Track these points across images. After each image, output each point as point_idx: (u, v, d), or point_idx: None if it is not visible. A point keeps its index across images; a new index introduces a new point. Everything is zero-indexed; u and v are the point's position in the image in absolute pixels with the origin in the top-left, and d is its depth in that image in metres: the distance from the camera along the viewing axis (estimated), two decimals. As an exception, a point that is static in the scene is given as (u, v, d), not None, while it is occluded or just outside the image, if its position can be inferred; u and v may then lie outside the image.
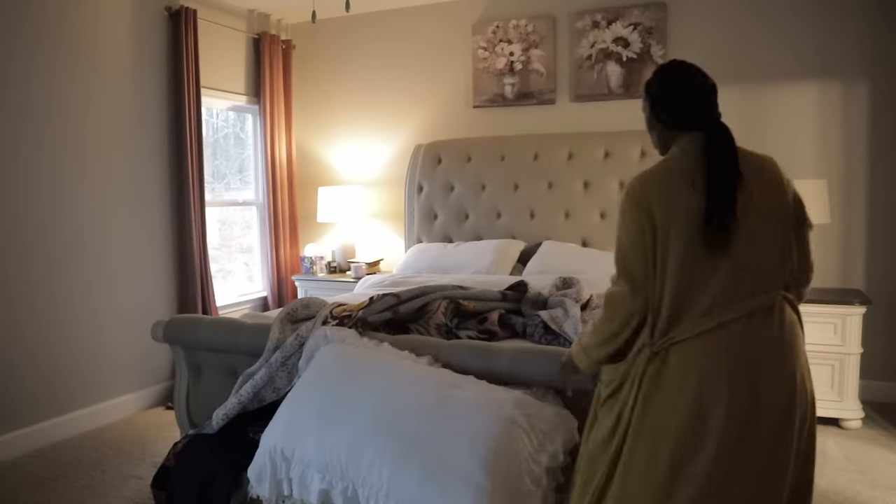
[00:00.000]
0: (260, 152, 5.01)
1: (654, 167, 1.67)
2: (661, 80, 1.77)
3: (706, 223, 1.55)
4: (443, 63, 4.80)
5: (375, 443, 1.93)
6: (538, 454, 1.87)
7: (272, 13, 5.02)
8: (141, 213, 4.06)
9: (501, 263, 4.02)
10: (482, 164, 4.50)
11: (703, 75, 1.77)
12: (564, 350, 2.11)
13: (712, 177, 1.59)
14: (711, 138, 1.66)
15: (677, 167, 1.64)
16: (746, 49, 4.04)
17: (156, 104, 4.15)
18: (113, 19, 3.87)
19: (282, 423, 2.13)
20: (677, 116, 1.72)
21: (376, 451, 1.92)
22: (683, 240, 1.56)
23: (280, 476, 2.07)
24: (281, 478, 2.07)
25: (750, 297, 1.57)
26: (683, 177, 1.61)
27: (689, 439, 1.53)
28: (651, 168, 1.67)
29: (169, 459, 2.41)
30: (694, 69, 1.78)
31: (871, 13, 3.80)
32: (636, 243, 1.61)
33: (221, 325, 2.70)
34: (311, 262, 4.97)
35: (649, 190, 1.62)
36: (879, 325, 3.85)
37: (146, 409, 4.07)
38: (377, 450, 1.92)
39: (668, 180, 1.62)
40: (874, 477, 2.98)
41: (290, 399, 2.19)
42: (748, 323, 1.55)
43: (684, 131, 1.70)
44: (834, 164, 3.94)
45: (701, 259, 1.56)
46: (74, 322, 3.68)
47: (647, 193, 1.61)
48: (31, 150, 3.45)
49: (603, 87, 4.35)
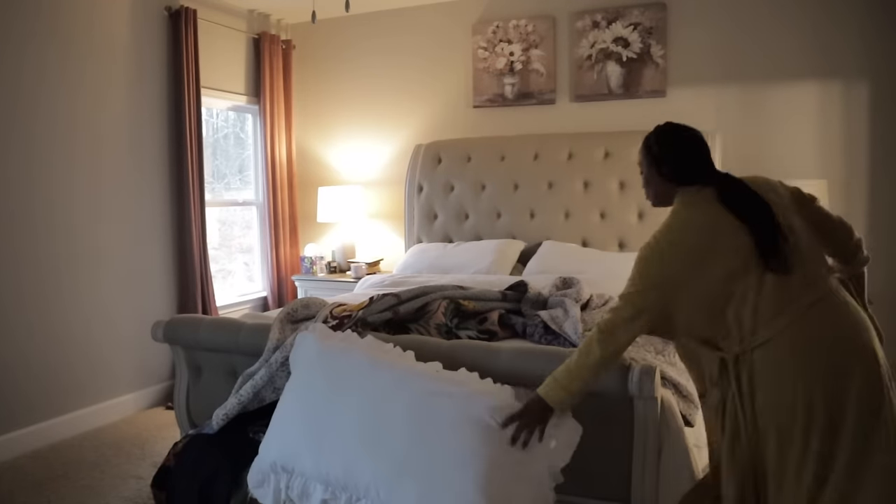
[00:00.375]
0: (260, 152, 5.01)
1: (680, 221, 1.83)
2: (663, 138, 1.92)
3: (765, 256, 1.72)
4: (443, 63, 4.80)
5: (368, 462, 1.89)
6: (536, 456, 1.85)
7: (272, 13, 5.02)
8: (141, 213, 4.06)
9: (501, 263, 4.02)
10: (482, 164, 4.49)
11: (697, 133, 1.92)
12: (565, 350, 2.11)
13: (751, 216, 1.76)
14: (725, 183, 1.83)
15: (707, 216, 1.80)
16: (746, 49, 4.04)
17: (156, 104, 4.15)
18: (113, 19, 3.87)
19: (276, 438, 2.10)
20: (680, 171, 1.87)
21: (370, 471, 1.88)
22: (743, 273, 1.73)
23: (281, 486, 2.06)
24: (281, 487, 2.06)
25: (805, 290, 1.73)
26: (719, 222, 1.77)
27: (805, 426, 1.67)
28: (675, 223, 1.83)
29: (169, 459, 2.41)
30: (688, 128, 1.93)
31: (872, 12, 3.79)
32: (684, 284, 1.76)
33: (221, 325, 2.69)
34: (311, 262, 4.97)
35: (693, 239, 1.79)
36: (879, 325, 3.84)
37: (146, 409, 4.07)
38: (370, 470, 1.88)
39: (711, 226, 1.78)
40: (874, 477, 2.97)
41: (279, 412, 2.16)
42: (810, 313, 1.71)
43: (683, 185, 1.86)
44: (834, 164, 3.93)
45: (764, 282, 1.73)
46: (74, 322, 3.68)
47: (692, 241, 1.78)
48: (31, 150, 3.44)
49: (603, 87, 4.35)
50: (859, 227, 3.91)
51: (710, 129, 4.07)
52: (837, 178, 3.92)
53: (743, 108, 4.08)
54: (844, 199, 3.92)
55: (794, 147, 3.98)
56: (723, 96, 4.12)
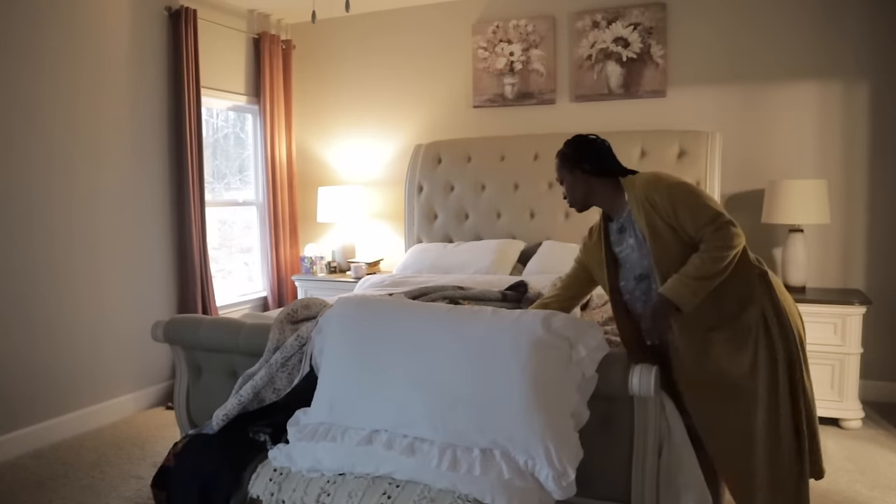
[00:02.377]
0: (260, 152, 5.01)
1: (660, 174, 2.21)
2: (573, 144, 2.30)
3: None
4: (443, 63, 4.80)
5: (420, 399, 2.00)
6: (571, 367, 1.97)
7: (272, 13, 5.02)
8: (141, 212, 4.06)
9: (501, 263, 4.02)
10: (482, 164, 4.49)
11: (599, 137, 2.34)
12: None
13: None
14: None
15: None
16: (746, 49, 4.04)
17: (156, 104, 4.15)
18: (113, 19, 3.87)
19: (324, 399, 2.18)
20: (601, 163, 2.26)
21: (424, 407, 1.99)
22: None
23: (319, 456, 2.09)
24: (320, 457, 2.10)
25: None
26: None
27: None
28: (660, 175, 2.19)
29: (169, 459, 2.41)
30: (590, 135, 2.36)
31: (871, 13, 3.80)
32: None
33: (221, 325, 2.69)
34: (311, 262, 4.97)
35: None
36: (879, 325, 3.85)
37: (146, 409, 4.07)
38: (425, 406, 1.99)
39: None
40: (874, 477, 2.98)
41: (323, 377, 2.22)
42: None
43: (605, 177, 2.24)
44: (834, 164, 3.93)
45: None
46: (74, 322, 3.68)
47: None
48: (31, 150, 3.45)
49: (603, 87, 4.35)
50: (859, 227, 3.93)
51: (710, 129, 4.08)
52: (837, 178, 3.92)
53: (743, 108, 4.08)
54: (844, 199, 3.93)
55: (794, 147, 3.98)
56: (723, 96, 4.12)
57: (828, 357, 3.54)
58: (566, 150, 2.28)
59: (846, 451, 3.25)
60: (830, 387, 3.54)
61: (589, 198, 2.26)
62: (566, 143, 2.30)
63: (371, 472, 1.98)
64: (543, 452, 1.86)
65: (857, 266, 3.95)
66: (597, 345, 2.02)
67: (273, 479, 2.11)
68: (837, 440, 3.38)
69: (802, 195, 3.64)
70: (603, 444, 2.05)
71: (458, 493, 1.83)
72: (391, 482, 1.94)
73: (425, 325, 2.12)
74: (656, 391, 1.96)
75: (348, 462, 2.01)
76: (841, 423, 3.55)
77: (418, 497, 1.87)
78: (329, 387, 2.19)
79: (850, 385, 3.53)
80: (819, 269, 4.00)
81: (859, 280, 3.94)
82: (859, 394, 3.58)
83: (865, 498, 2.79)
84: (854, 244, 3.94)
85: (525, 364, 1.92)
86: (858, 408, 3.55)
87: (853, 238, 3.94)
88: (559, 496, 1.86)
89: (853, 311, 3.52)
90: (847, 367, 3.53)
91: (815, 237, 3.96)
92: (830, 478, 2.96)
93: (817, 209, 3.65)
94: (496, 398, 1.93)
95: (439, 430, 1.97)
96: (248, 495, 2.17)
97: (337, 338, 2.23)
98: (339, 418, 2.13)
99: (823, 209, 3.67)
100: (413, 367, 2.04)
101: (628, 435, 2.04)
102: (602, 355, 2.02)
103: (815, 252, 3.97)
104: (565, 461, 1.86)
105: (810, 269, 3.95)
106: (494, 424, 1.92)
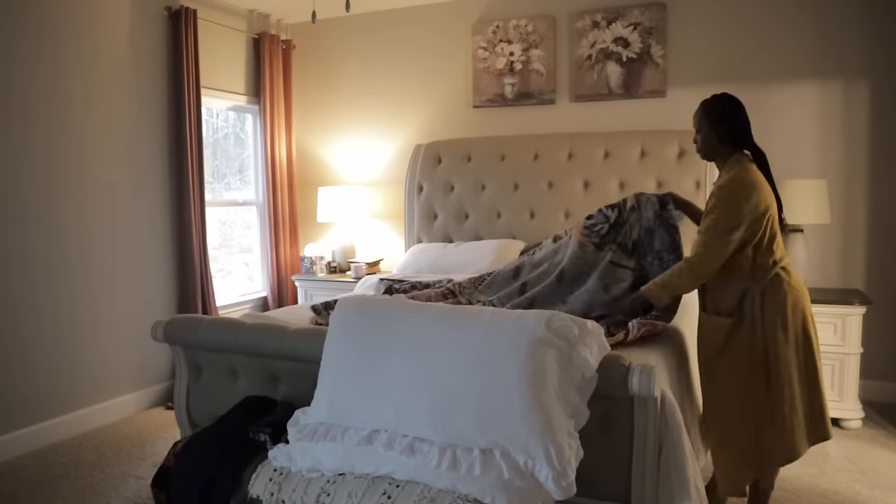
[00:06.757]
0: (260, 152, 5.01)
1: (745, 174, 2.33)
2: (724, 103, 2.43)
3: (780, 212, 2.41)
4: (443, 63, 4.81)
5: (421, 400, 1.99)
6: (573, 365, 1.97)
7: (272, 13, 5.02)
8: (141, 213, 4.06)
9: (501, 263, 4.00)
10: (482, 164, 4.50)
11: (743, 106, 2.46)
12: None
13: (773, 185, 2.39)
14: (760, 155, 2.42)
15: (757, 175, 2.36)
16: (746, 49, 4.04)
17: (156, 104, 4.15)
18: (113, 19, 3.87)
19: (323, 400, 2.17)
20: (734, 135, 2.40)
21: (425, 407, 1.98)
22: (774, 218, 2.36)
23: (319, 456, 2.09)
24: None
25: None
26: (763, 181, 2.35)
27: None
28: (742, 175, 2.33)
29: (169, 459, 2.41)
30: (739, 101, 2.47)
31: (871, 13, 3.80)
32: (745, 218, 2.28)
33: (221, 325, 2.69)
34: (311, 262, 4.97)
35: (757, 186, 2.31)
36: (879, 325, 3.85)
37: (146, 409, 4.07)
38: (425, 407, 1.98)
39: (761, 183, 2.34)
40: (874, 477, 2.98)
41: (323, 376, 2.22)
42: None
43: (735, 149, 2.40)
44: (834, 164, 3.94)
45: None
46: (74, 322, 3.68)
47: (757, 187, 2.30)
48: (31, 150, 3.45)
49: (603, 87, 4.35)
50: (859, 227, 3.93)
51: (710, 129, 4.07)
52: (837, 178, 3.92)
53: (743, 108, 4.08)
54: (844, 199, 3.93)
55: (794, 147, 3.98)
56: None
57: (828, 357, 3.54)
58: (715, 106, 2.42)
59: (846, 451, 3.25)
60: (830, 387, 3.54)
61: (711, 155, 2.46)
62: (717, 98, 2.43)
63: (371, 472, 1.98)
64: (543, 452, 1.86)
65: (856, 266, 3.95)
66: (597, 345, 2.02)
67: (273, 479, 2.11)
68: (837, 440, 3.38)
69: (802, 195, 3.64)
70: (603, 444, 2.05)
71: (458, 493, 1.83)
72: (391, 482, 1.94)
73: (425, 325, 2.11)
74: (656, 391, 1.96)
75: (348, 462, 2.01)
76: (841, 423, 3.55)
77: (418, 497, 1.87)
78: (329, 387, 2.18)
79: (850, 385, 3.53)
80: (819, 269, 4.00)
81: (859, 280, 3.94)
82: (859, 394, 3.58)
83: (865, 498, 2.79)
84: (854, 244, 3.94)
85: (525, 364, 1.92)
86: (858, 408, 3.55)
87: (853, 238, 3.94)
88: (559, 496, 1.86)
89: (853, 311, 3.52)
90: (847, 367, 3.53)
91: (815, 237, 3.96)
92: (830, 478, 2.96)
93: (817, 209, 3.65)
94: (496, 398, 1.93)
95: (439, 430, 1.96)
96: (248, 495, 2.17)
97: (337, 337, 2.24)
98: (339, 418, 2.13)
99: (823, 209, 3.66)
100: (413, 367, 2.04)
101: (628, 435, 2.04)
102: (602, 355, 2.02)
103: (815, 252, 3.97)
104: (565, 461, 1.86)
105: (810, 269, 3.95)
106: (494, 424, 1.92)
